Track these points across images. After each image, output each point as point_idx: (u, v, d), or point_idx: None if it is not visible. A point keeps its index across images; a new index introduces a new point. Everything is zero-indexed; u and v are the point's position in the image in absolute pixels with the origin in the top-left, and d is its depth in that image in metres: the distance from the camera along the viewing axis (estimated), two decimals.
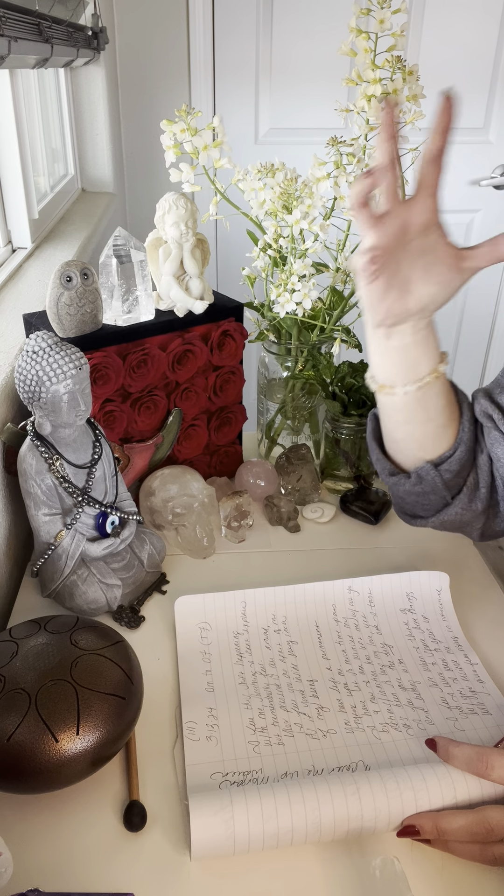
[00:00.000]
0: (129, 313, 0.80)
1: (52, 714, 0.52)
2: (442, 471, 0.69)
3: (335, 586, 0.75)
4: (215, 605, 0.72)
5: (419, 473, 0.70)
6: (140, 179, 2.19)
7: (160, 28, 2.01)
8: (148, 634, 0.72)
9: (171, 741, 0.61)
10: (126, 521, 0.77)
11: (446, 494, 0.70)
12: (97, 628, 0.60)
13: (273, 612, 0.73)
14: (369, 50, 0.73)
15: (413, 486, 0.70)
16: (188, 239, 0.81)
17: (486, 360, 2.58)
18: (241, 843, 0.50)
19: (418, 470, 0.70)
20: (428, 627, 0.72)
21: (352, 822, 0.51)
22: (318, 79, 2.09)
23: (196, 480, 0.86)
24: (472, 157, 2.24)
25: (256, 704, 0.63)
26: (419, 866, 0.52)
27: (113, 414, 0.82)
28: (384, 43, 0.72)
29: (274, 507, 0.89)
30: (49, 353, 0.68)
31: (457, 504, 0.71)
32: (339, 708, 0.63)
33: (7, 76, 1.21)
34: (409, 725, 0.61)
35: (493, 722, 0.62)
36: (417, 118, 0.75)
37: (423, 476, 0.70)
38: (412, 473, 0.70)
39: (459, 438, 0.70)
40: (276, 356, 0.94)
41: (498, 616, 0.75)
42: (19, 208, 1.29)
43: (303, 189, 0.80)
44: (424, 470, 0.69)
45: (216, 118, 0.79)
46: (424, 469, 0.69)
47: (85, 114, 1.87)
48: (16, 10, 0.98)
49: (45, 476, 0.71)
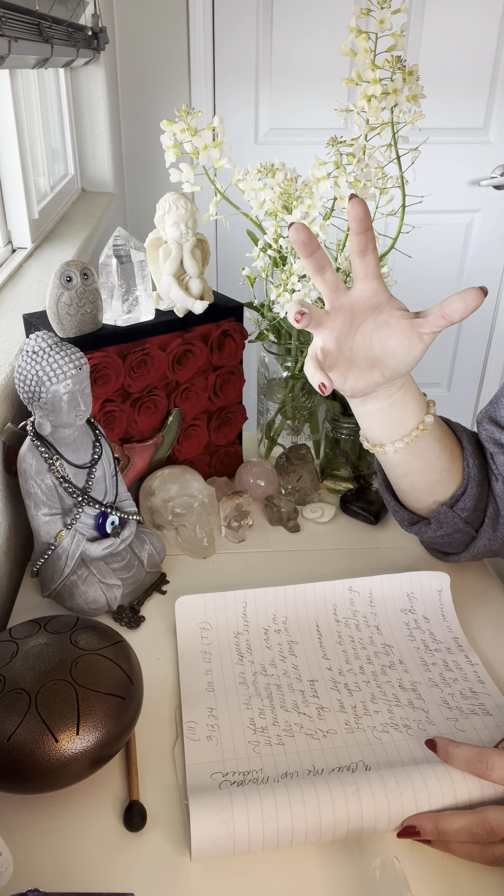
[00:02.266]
0: (129, 313, 0.80)
1: (52, 714, 0.52)
2: (458, 510, 0.69)
3: (335, 586, 0.75)
4: (216, 605, 0.72)
5: (437, 518, 0.70)
6: (140, 179, 2.20)
7: (160, 28, 2.01)
8: (148, 634, 0.72)
9: (171, 741, 0.61)
10: (126, 521, 0.77)
11: (470, 530, 0.71)
12: (97, 628, 0.60)
13: (273, 612, 0.73)
14: (369, 50, 0.73)
15: (436, 531, 0.71)
16: (188, 239, 0.81)
17: (486, 360, 2.58)
18: (241, 844, 0.50)
19: (436, 514, 0.70)
20: (428, 628, 0.72)
21: (352, 822, 0.51)
22: (318, 79, 2.09)
23: (196, 480, 0.86)
24: (472, 157, 2.24)
25: (257, 704, 0.63)
26: (419, 866, 0.52)
27: (113, 414, 0.82)
28: (384, 43, 0.72)
29: (274, 507, 0.89)
30: (49, 353, 0.68)
31: (483, 536, 0.71)
32: (340, 708, 0.63)
33: (7, 76, 1.21)
34: (410, 726, 0.61)
35: (494, 722, 0.62)
36: (417, 118, 0.75)
37: (441, 520, 0.70)
38: (431, 519, 0.71)
39: (466, 475, 0.70)
40: (276, 356, 0.94)
41: (498, 616, 0.75)
42: (19, 208, 1.29)
43: (303, 189, 0.80)
44: (441, 513, 0.70)
45: (216, 118, 0.79)
46: (441, 512, 0.70)
47: (85, 114, 1.87)
48: (16, 10, 0.98)
49: (45, 476, 0.71)
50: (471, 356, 2.57)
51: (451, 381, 2.61)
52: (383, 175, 0.80)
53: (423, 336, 0.61)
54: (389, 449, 0.67)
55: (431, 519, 0.71)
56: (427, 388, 2.57)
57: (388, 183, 0.80)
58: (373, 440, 0.69)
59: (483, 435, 0.72)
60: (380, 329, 0.62)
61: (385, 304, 0.61)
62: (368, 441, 0.69)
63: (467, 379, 2.61)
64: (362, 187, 0.79)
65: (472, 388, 2.63)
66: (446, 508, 0.69)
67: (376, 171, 0.80)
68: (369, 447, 0.69)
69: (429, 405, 0.68)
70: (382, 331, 0.62)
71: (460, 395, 2.63)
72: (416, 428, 0.67)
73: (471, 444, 0.72)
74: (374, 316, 0.61)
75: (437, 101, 2.10)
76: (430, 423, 0.67)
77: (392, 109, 0.74)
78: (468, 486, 0.69)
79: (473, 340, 2.54)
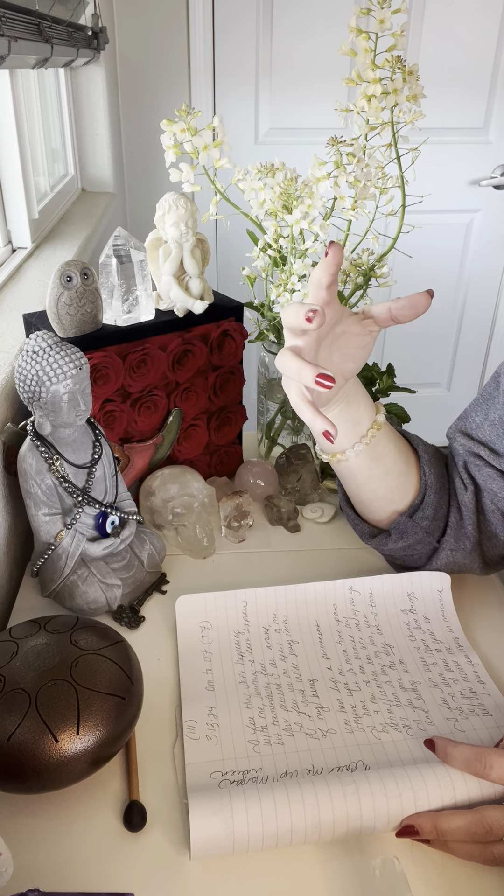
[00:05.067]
0: (129, 313, 0.80)
1: (52, 714, 0.52)
2: (418, 519, 0.70)
3: (336, 586, 0.75)
4: (216, 605, 0.72)
5: (398, 528, 0.71)
6: (140, 179, 2.20)
7: (160, 28, 2.01)
8: (148, 634, 0.72)
9: (171, 741, 0.61)
10: (126, 521, 0.77)
11: (431, 540, 0.71)
12: (97, 628, 0.60)
13: (274, 611, 0.73)
14: (369, 50, 0.73)
15: (397, 542, 0.72)
16: (188, 239, 0.81)
17: (486, 360, 2.58)
18: (241, 843, 0.50)
19: (396, 525, 0.71)
20: (429, 628, 0.72)
21: (351, 821, 0.51)
22: (318, 79, 2.09)
23: (196, 480, 0.86)
24: (472, 157, 2.24)
25: (256, 704, 0.63)
26: (419, 866, 0.52)
27: (113, 414, 0.82)
28: (384, 43, 0.72)
29: (274, 507, 0.89)
30: (49, 353, 0.68)
31: (445, 546, 0.72)
32: (340, 708, 0.63)
33: (7, 76, 1.21)
34: (409, 726, 0.61)
35: (494, 723, 0.62)
36: (417, 118, 0.75)
37: (402, 529, 0.71)
38: (391, 530, 0.71)
39: (423, 483, 0.71)
40: (275, 356, 0.94)
41: (499, 617, 0.75)
42: (19, 208, 1.29)
43: (303, 189, 0.80)
44: (401, 523, 0.70)
45: (216, 118, 0.79)
46: (401, 522, 0.70)
47: (85, 114, 1.87)
48: (16, 10, 0.98)
49: (45, 476, 0.71)
50: (471, 356, 2.57)
51: (451, 381, 2.61)
52: (383, 175, 0.80)
53: (372, 333, 0.65)
54: (350, 454, 0.68)
55: (392, 530, 0.71)
56: (427, 388, 2.57)
57: (388, 183, 0.80)
58: (333, 450, 0.69)
59: (458, 449, 0.73)
60: (337, 339, 0.64)
61: (341, 316, 0.64)
62: (327, 453, 0.70)
63: (467, 379, 2.61)
64: (362, 187, 0.79)
65: (472, 388, 2.63)
66: (405, 518, 0.70)
67: (376, 171, 0.80)
68: (328, 459, 0.70)
69: (377, 406, 0.70)
70: (340, 340, 0.64)
71: (460, 395, 2.62)
72: (372, 427, 0.68)
73: (427, 453, 0.73)
74: (332, 330, 0.64)
75: (437, 101, 2.10)
76: (382, 420, 0.68)
77: (392, 109, 0.74)
78: (426, 495, 0.70)
79: (473, 340, 2.54)
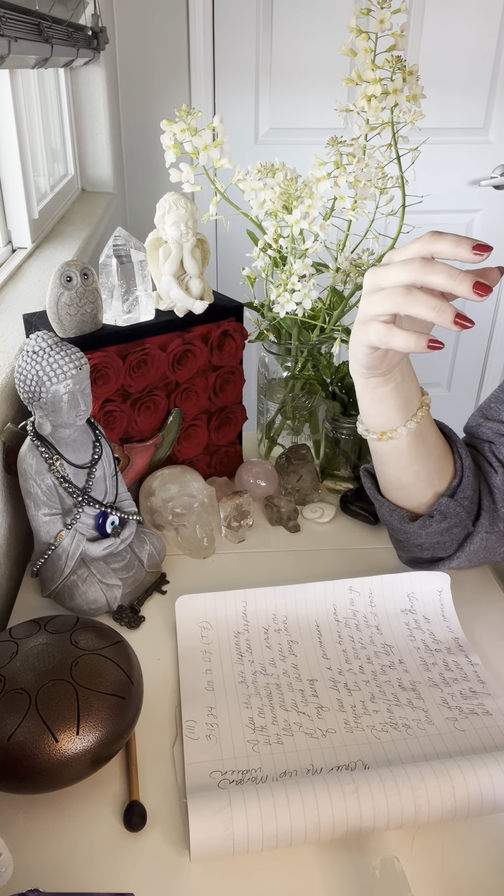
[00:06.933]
0: (129, 313, 0.80)
1: (52, 714, 0.52)
2: (459, 499, 0.71)
3: (336, 586, 0.75)
4: (216, 605, 0.72)
5: (440, 509, 0.70)
6: (140, 179, 2.20)
7: (160, 28, 2.01)
8: (148, 634, 0.72)
9: (171, 741, 0.61)
10: (126, 521, 0.77)
11: (468, 523, 0.71)
12: (97, 628, 0.60)
13: (274, 611, 0.73)
14: (369, 50, 0.73)
15: (440, 523, 0.71)
16: (188, 239, 0.81)
17: (486, 360, 2.58)
18: (241, 844, 0.50)
19: (438, 507, 0.70)
20: (429, 628, 0.72)
21: (351, 821, 0.51)
22: (318, 79, 2.09)
23: (196, 480, 0.86)
24: (472, 157, 2.24)
25: (256, 703, 0.63)
26: (419, 866, 0.52)
27: (113, 414, 0.82)
28: (384, 43, 0.72)
29: (274, 507, 0.89)
30: (49, 353, 0.68)
31: (480, 529, 0.72)
32: (339, 707, 0.63)
33: (7, 76, 1.21)
34: (409, 725, 0.61)
35: (494, 722, 0.62)
36: (417, 118, 0.75)
37: (444, 510, 0.70)
38: (434, 512, 0.71)
39: (459, 465, 0.72)
40: (276, 356, 0.94)
41: (499, 617, 0.75)
42: (19, 208, 1.29)
43: (303, 189, 0.80)
44: (444, 504, 0.70)
45: (216, 118, 0.79)
46: (443, 503, 0.70)
47: (85, 114, 1.87)
48: (16, 10, 0.98)
49: (45, 476, 0.71)
50: (471, 356, 2.57)
51: (451, 381, 2.61)
52: (383, 175, 0.80)
53: None
54: (402, 431, 0.67)
55: (434, 511, 0.70)
56: (427, 388, 2.55)
57: (388, 183, 0.80)
58: (383, 427, 0.67)
59: (485, 433, 0.74)
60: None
61: None
62: (376, 432, 0.68)
63: (467, 379, 2.61)
64: (362, 187, 0.79)
65: (473, 388, 2.63)
66: (447, 499, 0.70)
67: (376, 171, 0.80)
68: (376, 438, 0.68)
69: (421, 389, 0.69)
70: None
71: (460, 395, 2.63)
72: (421, 406, 0.68)
73: (457, 437, 0.74)
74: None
75: (437, 101, 2.10)
76: (429, 401, 0.68)
77: (392, 109, 0.74)
78: (464, 475, 0.71)
79: (473, 340, 2.54)
